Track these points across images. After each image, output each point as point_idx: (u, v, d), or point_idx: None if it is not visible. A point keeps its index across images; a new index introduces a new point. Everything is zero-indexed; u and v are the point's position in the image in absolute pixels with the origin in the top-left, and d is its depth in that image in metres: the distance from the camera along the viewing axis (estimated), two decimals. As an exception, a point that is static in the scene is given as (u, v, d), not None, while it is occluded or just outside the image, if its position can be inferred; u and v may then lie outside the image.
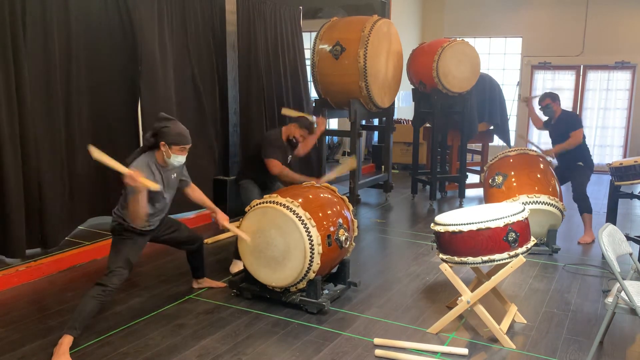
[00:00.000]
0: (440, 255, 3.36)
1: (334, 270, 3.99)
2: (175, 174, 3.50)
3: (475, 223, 3.14)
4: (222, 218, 3.68)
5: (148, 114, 5.21)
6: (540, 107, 5.54)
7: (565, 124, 5.41)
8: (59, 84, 4.46)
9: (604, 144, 10.36)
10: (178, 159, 3.34)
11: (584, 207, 5.31)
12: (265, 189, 4.48)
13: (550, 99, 5.44)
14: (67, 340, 3.02)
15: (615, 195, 4.82)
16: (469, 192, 7.48)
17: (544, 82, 10.60)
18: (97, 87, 4.85)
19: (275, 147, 4.35)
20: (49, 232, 4.45)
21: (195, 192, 3.73)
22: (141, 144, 5.30)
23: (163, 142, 3.27)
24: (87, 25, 4.70)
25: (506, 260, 3.18)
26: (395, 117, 8.72)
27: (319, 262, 3.53)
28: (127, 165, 3.32)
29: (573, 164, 5.35)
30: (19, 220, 4.16)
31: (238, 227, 3.75)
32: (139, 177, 3.03)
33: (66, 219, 4.73)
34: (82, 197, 4.87)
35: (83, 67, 4.70)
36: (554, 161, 5.46)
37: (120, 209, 3.38)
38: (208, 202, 3.77)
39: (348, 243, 3.83)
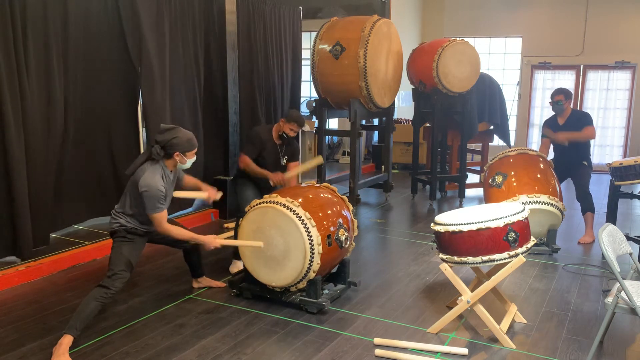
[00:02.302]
0: (440, 255, 3.36)
1: (334, 270, 3.99)
2: (176, 174, 3.58)
3: (475, 223, 3.14)
4: (213, 194, 3.77)
5: (148, 114, 5.22)
6: (551, 101, 5.41)
7: (577, 122, 5.34)
8: (58, 84, 4.44)
9: (604, 144, 10.36)
10: (191, 160, 3.49)
11: (588, 206, 5.31)
12: (263, 188, 4.45)
13: (563, 96, 5.32)
14: (66, 340, 3.02)
15: (615, 195, 4.82)
16: (469, 192, 7.48)
17: (544, 82, 10.61)
18: (96, 88, 4.84)
19: (250, 143, 4.34)
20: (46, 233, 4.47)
21: (188, 179, 3.79)
22: (141, 145, 5.34)
23: (177, 152, 3.36)
24: (86, 25, 4.70)
25: (506, 260, 3.18)
26: (395, 117, 8.72)
27: (319, 262, 3.53)
28: (129, 173, 3.37)
29: (578, 163, 5.33)
30: (25, 221, 4.17)
31: (237, 227, 3.76)
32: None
33: (66, 219, 4.74)
34: (82, 198, 4.88)
35: (82, 68, 4.69)
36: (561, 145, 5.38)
37: (121, 211, 3.39)
38: (199, 183, 3.84)
39: (348, 243, 3.83)
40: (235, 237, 3.96)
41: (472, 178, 7.85)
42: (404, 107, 10.64)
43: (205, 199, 3.79)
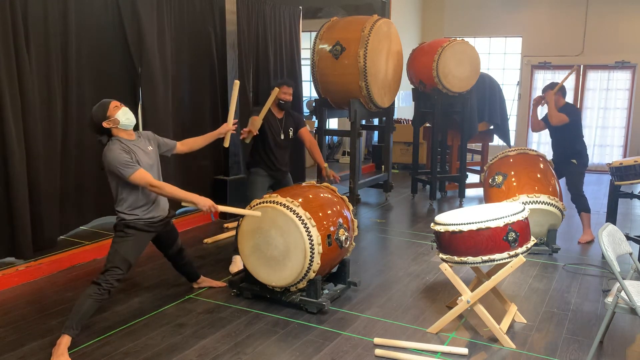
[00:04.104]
0: (440, 255, 3.36)
1: (334, 270, 3.99)
2: (150, 146, 3.43)
3: (475, 223, 3.14)
4: (225, 128, 3.90)
5: (148, 114, 5.22)
6: (542, 94, 5.57)
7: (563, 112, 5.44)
8: (58, 85, 4.45)
9: (604, 144, 10.36)
10: (123, 117, 3.24)
11: (582, 206, 5.32)
12: (275, 170, 4.50)
13: (550, 90, 5.43)
14: (65, 341, 3.01)
15: (615, 195, 4.82)
16: (469, 192, 7.48)
17: (544, 82, 10.59)
18: (96, 88, 4.83)
19: (254, 110, 4.40)
20: (51, 234, 4.48)
21: (187, 143, 3.76)
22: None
23: (104, 122, 3.22)
24: (86, 26, 4.69)
25: (506, 260, 3.18)
26: (395, 117, 8.72)
27: (319, 261, 3.53)
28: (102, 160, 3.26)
29: (566, 160, 5.37)
30: (25, 222, 4.18)
31: (239, 226, 3.77)
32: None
33: (71, 221, 4.74)
34: (83, 199, 4.87)
35: (82, 69, 4.69)
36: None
37: (116, 203, 3.34)
38: (206, 136, 3.87)
39: (348, 243, 3.83)
40: (236, 237, 3.96)
41: (472, 178, 7.84)
42: (404, 107, 10.64)
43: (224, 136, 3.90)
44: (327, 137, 8.24)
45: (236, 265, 4.38)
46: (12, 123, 4.01)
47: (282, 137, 4.50)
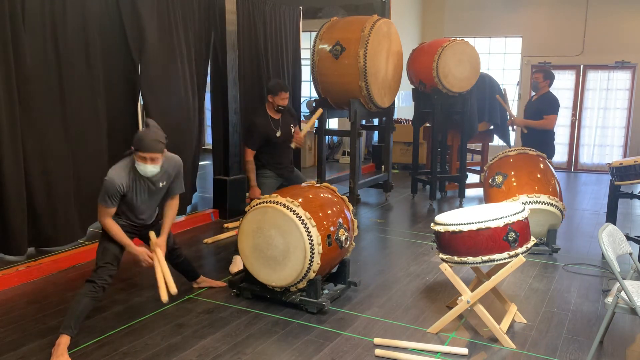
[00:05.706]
0: (440, 255, 3.36)
1: (334, 270, 3.99)
2: (164, 182, 3.39)
3: (475, 223, 3.14)
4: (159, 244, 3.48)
5: (148, 114, 5.21)
6: (532, 78, 5.99)
7: (541, 104, 5.72)
8: (58, 84, 4.44)
9: (604, 144, 10.35)
10: (141, 167, 3.16)
11: None
12: (282, 169, 4.53)
13: (542, 76, 5.83)
14: (64, 341, 3.02)
15: (615, 195, 4.82)
16: (469, 192, 7.48)
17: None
18: (96, 88, 4.82)
19: (250, 136, 4.47)
20: (52, 232, 4.47)
21: (169, 209, 3.55)
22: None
23: (133, 147, 3.19)
24: (86, 26, 4.68)
25: (506, 260, 3.18)
26: (395, 117, 8.72)
27: (319, 261, 3.53)
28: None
29: (529, 147, 5.43)
30: (20, 219, 4.18)
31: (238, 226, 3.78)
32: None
33: (71, 220, 4.74)
34: (82, 201, 4.87)
35: (82, 68, 4.68)
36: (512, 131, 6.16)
37: None
38: (167, 224, 3.53)
39: (348, 243, 3.83)
40: (236, 239, 3.96)
41: (472, 178, 7.84)
42: (404, 107, 10.64)
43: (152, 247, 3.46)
44: (327, 137, 8.27)
45: (236, 265, 4.38)
46: (5, 124, 4.01)
47: (279, 134, 4.51)
